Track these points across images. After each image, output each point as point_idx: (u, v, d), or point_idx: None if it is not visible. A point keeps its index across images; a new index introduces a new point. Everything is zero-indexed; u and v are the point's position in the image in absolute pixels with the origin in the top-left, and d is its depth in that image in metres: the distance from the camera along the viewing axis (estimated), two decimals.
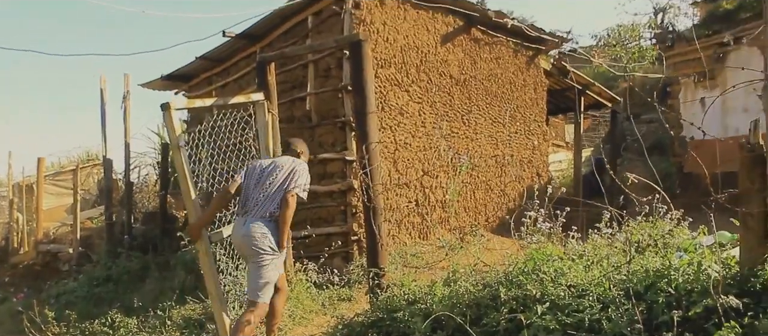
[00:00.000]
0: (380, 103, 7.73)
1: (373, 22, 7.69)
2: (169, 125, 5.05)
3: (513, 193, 9.93)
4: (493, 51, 9.60)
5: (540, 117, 10.64)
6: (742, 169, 3.70)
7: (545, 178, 10.76)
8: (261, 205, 4.82)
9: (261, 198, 4.83)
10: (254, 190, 4.91)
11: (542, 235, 5.42)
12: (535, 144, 10.50)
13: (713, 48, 12.42)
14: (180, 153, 4.96)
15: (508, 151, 9.90)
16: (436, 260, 7.63)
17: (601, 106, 14.11)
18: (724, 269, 3.79)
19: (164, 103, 5.03)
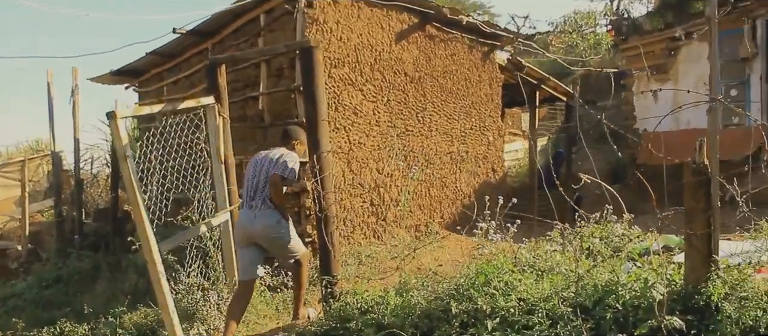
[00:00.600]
0: (334, 103, 7.67)
1: (326, 21, 7.60)
2: (116, 135, 4.93)
3: (468, 189, 9.96)
4: (448, 47, 9.57)
5: (495, 112, 10.66)
6: (687, 189, 3.74)
7: (500, 173, 10.82)
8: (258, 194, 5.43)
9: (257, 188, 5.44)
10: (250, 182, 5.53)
11: (494, 245, 5.39)
12: (490, 139, 10.52)
13: (666, 42, 12.59)
14: (127, 163, 4.84)
15: (463, 148, 9.90)
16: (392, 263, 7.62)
17: (557, 99, 14.20)
18: (670, 285, 3.84)
19: (110, 112, 4.93)
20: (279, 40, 7.74)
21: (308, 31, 7.41)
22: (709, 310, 3.59)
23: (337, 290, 5.50)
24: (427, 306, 4.53)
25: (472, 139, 10.11)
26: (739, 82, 12.00)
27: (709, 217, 3.65)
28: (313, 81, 5.37)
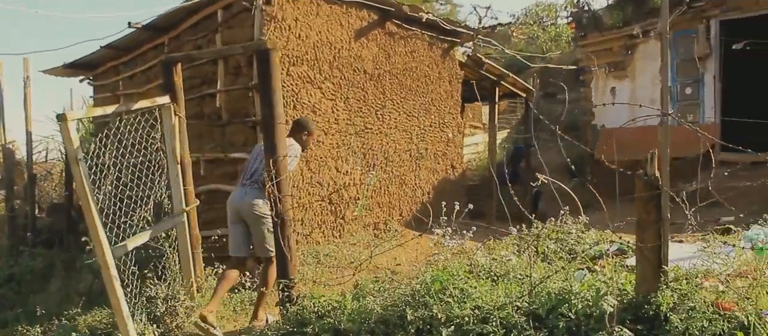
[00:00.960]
0: (292, 101, 7.61)
1: (284, 19, 7.53)
2: (67, 137, 4.83)
3: (427, 186, 9.99)
4: (408, 44, 9.56)
5: (455, 109, 10.69)
6: (639, 200, 3.79)
7: (460, 169, 10.87)
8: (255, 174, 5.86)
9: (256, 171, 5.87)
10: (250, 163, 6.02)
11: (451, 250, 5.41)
12: (449, 136, 10.56)
13: (624, 39, 12.76)
14: (79, 166, 4.75)
15: (423, 145, 9.92)
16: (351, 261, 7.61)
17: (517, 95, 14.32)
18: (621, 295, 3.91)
19: (60, 114, 4.83)
20: (237, 37, 7.65)
21: (266, 29, 7.34)
22: (659, 320, 3.66)
23: (294, 294, 5.49)
24: (383, 313, 4.53)
25: (432, 136, 10.14)
26: (693, 80, 12.22)
27: (660, 228, 3.70)
28: (270, 84, 5.31)
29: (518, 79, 13.27)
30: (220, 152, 7.72)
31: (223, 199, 7.56)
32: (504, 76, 12.31)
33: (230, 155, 7.63)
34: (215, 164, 7.76)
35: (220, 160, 7.74)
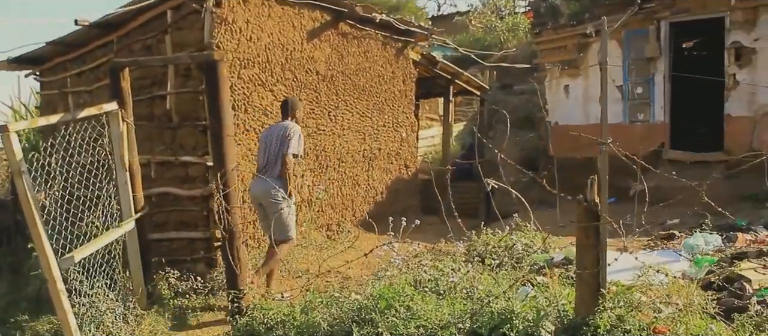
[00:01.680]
0: (243, 104, 7.57)
1: (235, 21, 7.46)
2: (8, 149, 4.73)
3: (380, 186, 10.01)
4: (362, 45, 9.55)
5: (408, 108, 10.72)
6: (579, 223, 3.85)
7: (413, 168, 10.91)
8: (269, 164, 6.53)
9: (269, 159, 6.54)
10: (262, 154, 6.66)
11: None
12: (403, 136, 10.59)
13: (577, 38, 12.89)
14: (23, 179, 4.66)
15: (376, 145, 9.94)
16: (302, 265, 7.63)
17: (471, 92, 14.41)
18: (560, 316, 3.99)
19: (2, 125, 4.73)
20: (187, 39, 7.56)
21: (216, 32, 7.26)
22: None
23: (243, 304, 5.50)
24: (329, 329, 4.56)
25: (385, 136, 10.16)
26: (644, 80, 12.41)
27: (599, 252, 3.78)
28: (218, 95, 5.28)
29: (472, 77, 13.35)
30: (171, 155, 7.63)
31: (174, 203, 7.55)
32: (458, 74, 12.38)
33: (181, 158, 7.54)
34: (166, 167, 7.67)
35: (170, 163, 7.65)
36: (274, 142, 6.52)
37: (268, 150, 6.53)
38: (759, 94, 11.23)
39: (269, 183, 6.32)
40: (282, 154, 6.39)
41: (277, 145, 6.48)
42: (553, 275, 5.61)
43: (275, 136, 6.53)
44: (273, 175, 6.42)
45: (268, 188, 6.35)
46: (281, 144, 6.44)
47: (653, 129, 12.44)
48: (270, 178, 6.35)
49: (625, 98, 12.61)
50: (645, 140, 12.40)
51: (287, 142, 6.41)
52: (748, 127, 11.36)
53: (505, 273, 5.55)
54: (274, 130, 6.65)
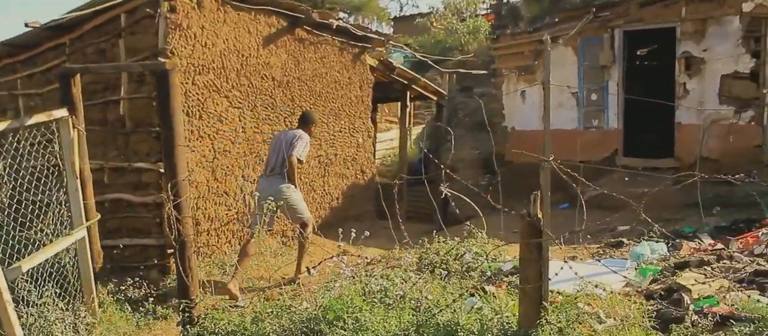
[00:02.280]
0: (198, 111, 7.55)
1: (190, 27, 7.42)
2: None
3: (336, 191, 10.04)
4: (319, 50, 9.57)
5: (365, 114, 10.76)
6: (522, 239, 3.93)
7: (369, 174, 10.95)
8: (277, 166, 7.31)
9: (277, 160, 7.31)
10: (272, 156, 7.41)
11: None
12: (359, 141, 10.63)
13: (534, 44, 13.06)
14: None
15: (332, 151, 9.96)
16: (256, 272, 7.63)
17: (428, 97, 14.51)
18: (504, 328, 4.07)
19: None
20: (140, 44, 7.51)
21: (171, 37, 7.23)
22: None
23: (194, 314, 5.48)
24: None
25: (341, 141, 10.19)
26: (598, 87, 12.64)
27: (541, 267, 3.86)
28: (169, 104, 5.25)
29: (429, 82, 13.46)
30: (124, 161, 7.57)
31: (127, 209, 7.50)
32: (415, 79, 12.47)
33: (134, 165, 7.50)
34: (119, 173, 7.61)
35: (123, 169, 7.59)
36: (284, 145, 7.32)
37: (279, 153, 7.32)
38: (707, 103, 11.52)
39: (275, 183, 7.22)
40: (288, 156, 7.22)
41: (286, 150, 7.29)
42: (502, 285, 5.71)
43: (286, 140, 7.38)
44: (280, 174, 7.27)
45: (275, 187, 7.14)
46: (289, 147, 7.27)
47: (607, 135, 12.67)
48: (278, 178, 7.26)
49: (580, 105, 12.82)
50: (599, 146, 12.65)
51: (294, 146, 7.29)
52: (697, 135, 11.64)
53: (455, 283, 5.63)
54: (286, 135, 7.50)
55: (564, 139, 12.73)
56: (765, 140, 11.24)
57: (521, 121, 13.49)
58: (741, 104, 11.32)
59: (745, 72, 11.23)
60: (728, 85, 11.37)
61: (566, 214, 10.67)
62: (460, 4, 32.14)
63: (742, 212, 8.33)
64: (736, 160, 11.26)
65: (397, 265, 6.29)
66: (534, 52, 13.09)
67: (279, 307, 5.05)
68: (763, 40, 11.08)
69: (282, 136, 7.50)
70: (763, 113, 11.15)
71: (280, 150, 7.33)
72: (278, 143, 7.40)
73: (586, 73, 12.80)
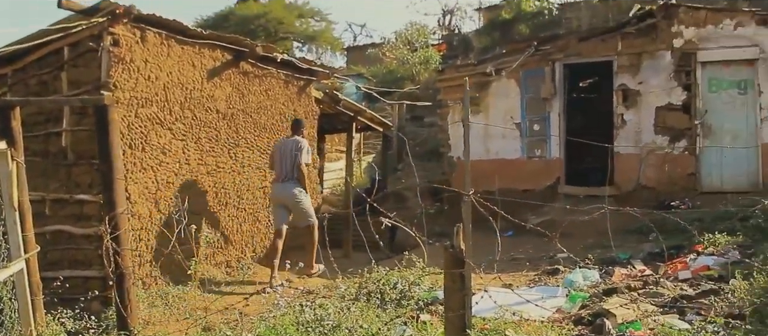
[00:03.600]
0: (141, 143, 7.59)
1: (133, 60, 7.50)
2: None
3: None
4: (263, 83, 9.69)
5: (310, 146, 10.88)
6: (446, 269, 4.09)
7: (316, 205, 11.05)
8: (288, 172, 8.66)
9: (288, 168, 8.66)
10: (280, 163, 8.73)
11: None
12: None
13: (478, 76, 13.36)
14: None
15: None
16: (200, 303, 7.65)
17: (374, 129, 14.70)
18: None
19: None
20: (83, 76, 7.54)
21: (114, 71, 7.29)
22: None
23: None
24: None
25: None
26: (540, 117, 12.98)
27: (464, 296, 4.03)
28: (108, 139, 5.33)
29: (375, 114, 13.67)
30: (66, 193, 7.57)
31: (69, 241, 7.48)
32: (361, 111, 12.67)
33: (76, 196, 7.50)
34: (60, 204, 7.59)
35: (65, 201, 7.58)
36: (288, 154, 8.66)
37: (284, 161, 8.65)
38: (644, 134, 11.94)
39: (290, 187, 8.63)
40: (298, 164, 8.57)
41: (292, 158, 8.63)
42: (436, 313, 5.86)
43: (289, 149, 8.70)
44: (293, 179, 8.62)
45: (290, 191, 8.62)
46: (296, 156, 8.60)
47: (549, 164, 13.00)
48: (292, 182, 8.63)
49: (523, 135, 13.15)
50: (542, 175, 12.97)
51: (300, 154, 8.64)
52: (635, 164, 12.04)
53: (391, 311, 5.76)
54: (287, 144, 8.81)
55: (508, 168, 13.04)
56: (698, 169, 11.68)
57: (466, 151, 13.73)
58: (675, 135, 11.77)
59: (678, 104, 11.71)
60: (663, 116, 11.82)
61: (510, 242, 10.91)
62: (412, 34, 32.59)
63: (675, 238, 8.62)
64: (671, 187, 11.69)
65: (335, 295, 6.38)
66: (478, 84, 13.39)
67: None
68: (693, 73, 11.59)
69: (284, 146, 8.80)
70: (695, 143, 11.59)
71: (286, 158, 8.64)
72: (283, 152, 8.71)
73: (529, 104, 13.15)
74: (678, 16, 11.74)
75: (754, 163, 11.35)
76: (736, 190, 11.07)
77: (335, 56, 42.06)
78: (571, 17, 26.68)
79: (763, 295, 4.87)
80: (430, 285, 6.59)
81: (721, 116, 11.63)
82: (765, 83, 11.29)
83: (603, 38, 12.43)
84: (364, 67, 31.95)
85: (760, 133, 11.28)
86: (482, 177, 12.38)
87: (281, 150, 8.77)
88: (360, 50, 39.31)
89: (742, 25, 11.41)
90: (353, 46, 42.52)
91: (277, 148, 8.94)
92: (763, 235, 7.68)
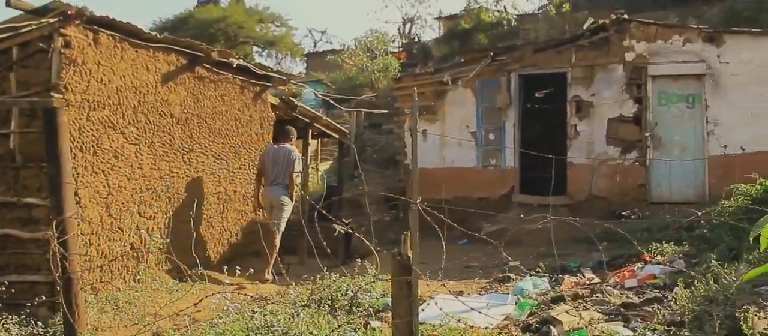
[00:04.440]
0: (92, 147, 7.49)
1: (85, 63, 7.39)
2: None
3: (235, 227, 10.08)
4: (219, 88, 9.64)
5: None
6: (393, 277, 4.12)
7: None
8: (279, 177, 9.40)
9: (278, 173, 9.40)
10: (271, 168, 9.42)
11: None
12: None
13: (435, 85, 13.48)
14: None
15: (232, 187, 10.01)
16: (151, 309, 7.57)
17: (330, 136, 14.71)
18: None
19: None
20: (33, 78, 7.41)
21: (65, 73, 7.18)
22: None
23: None
24: None
25: (241, 178, 10.24)
26: (496, 127, 13.14)
27: (411, 303, 4.06)
28: (57, 143, 5.25)
29: (331, 121, 13.69)
30: (13, 196, 7.44)
31: (15, 245, 7.34)
32: (317, 118, 12.69)
33: (24, 200, 7.36)
34: (7, 208, 7.45)
35: (12, 204, 7.45)
36: (281, 161, 9.39)
37: (277, 167, 9.36)
38: (596, 144, 12.18)
39: (279, 192, 9.40)
40: (290, 173, 9.40)
41: (284, 165, 9.38)
42: (387, 320, 5.89)
43: (282, 156, 9.45)
44: (283, 184, 9.39)
45: (279, 195, 9.39)
46: (288, 165, 9.40)
47: (504, 174, 13.16)
48: (281, 187, 9.39)
49: (479, 144, 13.29)
50: (497, 184, 13.12)
51: (293, 164, 9.48)
52: (587, 174, 12.25)
53: (341, 317, 5.78)
54: (279, 151, 9.56)
55: (464, 176, 13.16)
56: (648, 180, 11.94)
57: (422, 159, 13.78)
58: (626, 146, 12.02)
59: (629, 116, 11.99)
60: (614, 128, 12.07)
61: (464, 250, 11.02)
62: (372, 42, 32.71)
63: (625, 247, 8.79)
64: (622, 198, 11.93)
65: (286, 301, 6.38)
66: (434, 93, 13.51)
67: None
68: (644, 87, 11.86)
69: (276, 153, 9.54)
70: (645, 155, 11.86)
71: (278, 165, 9.36)
72: (274, 159, 9.44)
73: (485, 114, 13.30)
74: (630, 30, 12.02)
75: (701, 174, 11.67)
76: (684, 200, 11.35)
77: (295, 62, 42.07)
78: (529, 29, 27.08)
79: (703, 302, 5.00)
80: (381, 292, 6.61)
81: (671, 129, 11.93)
82: (712, 98, 11.64)
83: (558, 50, 12.65)
84: (323, 74, 32.00)
85: (706, 146, 11.61)
86: (438, 185, 12.49)
87: (273, 157, 9.46)
88: (320, 56, 39.36)
89: (690, 42, 11.75)
90: (313, 52, 42.56)
91: (267, 154, 9.62)
92: (708, 245, 7.87)
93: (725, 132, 11.55)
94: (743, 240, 6.68)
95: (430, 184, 12.30)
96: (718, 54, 11.63)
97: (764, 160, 10.62)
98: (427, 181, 12.81)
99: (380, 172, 20.81)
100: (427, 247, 4.96)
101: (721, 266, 6.03)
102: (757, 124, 11.34)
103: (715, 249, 7.36)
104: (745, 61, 11.48)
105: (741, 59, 11.51)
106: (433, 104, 13.59)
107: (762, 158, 10.83)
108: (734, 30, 12.38)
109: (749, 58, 11.47)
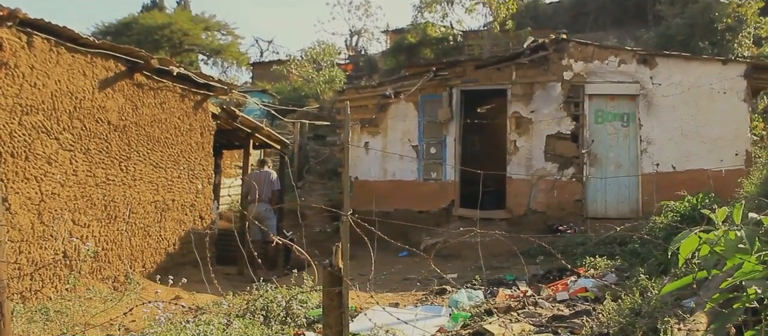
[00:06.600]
0: (24, 152, 7.33)
1: (18, 66, 7.24)
2: None
3: (173, 237, 9.94)
4: (158, 96, 9.53)
5: (206, 160, 10.76)
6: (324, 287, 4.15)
7: (208, 220, 10.93)
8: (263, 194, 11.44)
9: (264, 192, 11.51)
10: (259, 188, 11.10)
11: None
12: (199, 187, 10.59)
13: (377, 98, 13.57)
14: None
15: (170, 196, 9.88)
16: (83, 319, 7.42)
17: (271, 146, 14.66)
18: None
19: None
20: None
21: None
22: None
23: None
24: None
25: (180, 187, 10.12)
26: (437, 141, 13.28)
27: (342, 313, 4.09)
28: None
29: (272, 131, 13.65)
30: None
31: None
32: (258, 128, 12.64)
33: None
34: None
35: None
36: (264, 182, 11.60)
37: (261, 187, 11.34)
38: (535, 160, 12.41)
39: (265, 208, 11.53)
40: (273, 191, 11.75)
41: (266, 185, 11.63)
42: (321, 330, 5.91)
43: (264, 179, 11.70)
44: (266, 200, 11.59)
45: (264, 210, 11.50)
46: (270, 185, 11.75)
47: (445, 187, 13.30)
48: (265, 203, 11.56)
49: (420, 158, 13.41)
50: (437, 197, 13.25)
51: (275, 184, 11.87)
52: (526, 189, 12.47)
53: (276, 327, 5.78)
54: (262, 175, 11.86)
55: (405, 189, 13.27)
56: (584, 195, 12.21)
57: (364, 172, 13.90)
58: (563, 162, 12.29)
59: (567, 133, 12.26)
60: (552, 144, 12.33)
61: (404, 262, 11.10)
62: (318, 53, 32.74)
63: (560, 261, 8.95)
64: (559, 212, 12.18)
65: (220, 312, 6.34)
66: (378, 106, 13.60)
67: None
68: (581, 105, 12.15)
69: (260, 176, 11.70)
70: (582, 171, 12.13)
71: (263, 185, 11.46)
72: (261, 181, 11.52)
73: (426, 128, 13.43)
74: (568, 50, 12.33)
75: (634, 191, 12.00)
76: (619, 216, 11.66)
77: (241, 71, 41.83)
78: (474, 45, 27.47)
79: (629, 315, 5.15)
80: (317, 303, 6.62)
81: (606, 146, 12.24)
82: (644, 117, 12.01)
83: (498, 67, 12.88)
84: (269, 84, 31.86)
85: (640, 163, 11.95)
86: (380, 198, 12.56)
87: (257, 179, 11.42)
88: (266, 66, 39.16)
89: (625, 63, 12.12)
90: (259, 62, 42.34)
91: (254, 177, 11.71)
92: (639, 259, 8.09)
93: (657, 150, 11.92)
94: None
95: (371, 197, 12.38)
96: (651, 75, 12.03)
97: (693, 178, 11.01)
98: (369, 193, 12.90)
99: (323, 183, 20.81)
100: (366, 258, 5.00)
101: (648, 280, 6.21)
102: (686, 143, 11.74)
103: (645, 263, 7.58)
104: (675, 83, 11.89)
105: (672, 81, 11.93)
106: (374, 117, 13.68)
107: (692, 176, 11.22)
108: (666, 53, 12.83)
109: (680, 81, 11.89)
